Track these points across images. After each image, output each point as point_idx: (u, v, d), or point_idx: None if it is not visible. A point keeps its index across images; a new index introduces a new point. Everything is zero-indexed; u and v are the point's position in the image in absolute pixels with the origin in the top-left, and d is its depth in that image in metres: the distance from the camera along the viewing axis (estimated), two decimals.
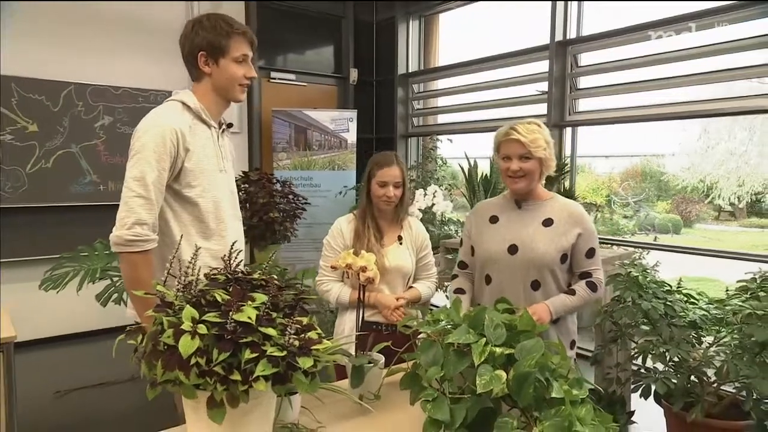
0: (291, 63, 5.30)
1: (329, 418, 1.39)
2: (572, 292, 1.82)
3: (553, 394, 1.15)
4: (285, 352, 0.96)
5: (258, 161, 4.98)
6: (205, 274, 1.15)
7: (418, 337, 1.47)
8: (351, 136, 4.91)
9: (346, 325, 2.05)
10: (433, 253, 3.26)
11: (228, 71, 1.64)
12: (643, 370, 2.40)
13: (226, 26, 1.63)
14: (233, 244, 1.28)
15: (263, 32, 4.96)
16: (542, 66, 4.06)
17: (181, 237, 1.54)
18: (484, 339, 1.29)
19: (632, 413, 2.73)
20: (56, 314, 3.91)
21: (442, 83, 5.29)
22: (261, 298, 1.05)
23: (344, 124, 4.88)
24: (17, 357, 3.53)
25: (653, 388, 2.32)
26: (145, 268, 1.49)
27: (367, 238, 2.03)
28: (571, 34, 3.93)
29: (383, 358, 1.58)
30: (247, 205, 4.08)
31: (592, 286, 1.84)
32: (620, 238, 4.62)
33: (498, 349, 1.26)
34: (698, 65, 3.39)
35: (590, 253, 1.84)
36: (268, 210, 4.05)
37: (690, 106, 3.45)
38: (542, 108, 4.05)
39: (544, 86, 4.04)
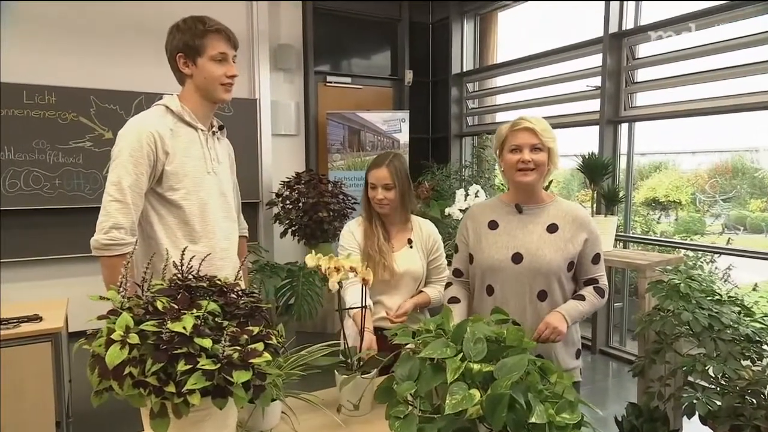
0: (347, 67, 5.40)
1: (310, 427, 1.39)
2: (582, 298, 1.72)
3: (533, 419, 1.07)
4: (219, 365, 0.98)
5: (313, 162, 5.13)
6: (170, 279, 1.20)
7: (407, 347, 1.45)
8: (403, 137, 4.92)
9: (352, 329, 2.03)
10: None
11: (206, 70, 1.64)
12: (686, 387, 2.22)
13: (201, 26, 1.62)
14: (184, 249, 1.28)
15: (319, 37, 5.11)
16: (597, 60, 3.85)
17: (136, 243, 1.55)
18: (462, 354, 1.21)
19: None
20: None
21: (495, 82, 5.17)
22: (205, 305, 1.08)
23: (396, 124, 4.90)
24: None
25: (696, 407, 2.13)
26: (117, 272, 1.50)
27: (376, 239, 1.99)
28: (628, 25, 3.69)
29: (375, 369, 1.55)
30: (300, 204, 4.23)
31: (600, 292, 1.75)
32: (687, 242, 4.28)
33: (476, 366, 1.19)
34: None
35: (596, 258, 1.74)
36: (317, 209, 4.16)
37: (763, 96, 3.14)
38: (595, 104, 3.84)
39: (597, 81, 3.83)
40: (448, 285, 1.93)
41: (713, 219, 6.44)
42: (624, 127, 3.80)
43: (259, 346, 1.08)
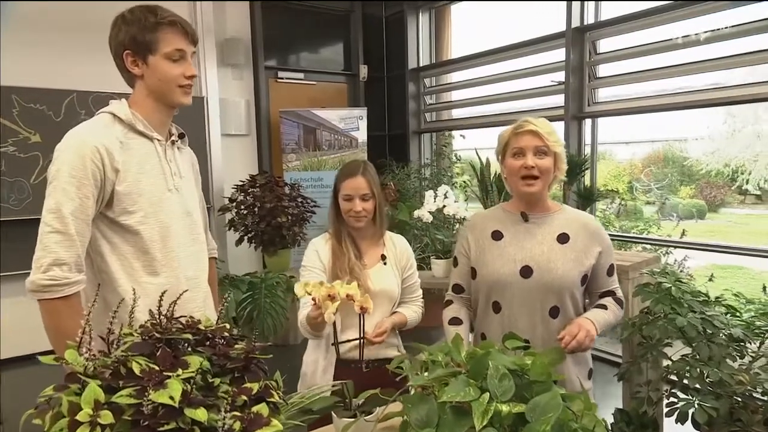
0: (299, 62, 5.15)
1: None
2: (604, 307, 1.61)
3: None
4: None
5: (267, 164, 4.85)
6: (141, 326, 0.97)
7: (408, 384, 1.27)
8: (361, 135, 4.73)
9: (319, 363, 1.79)
10: (445, 258, 3.10)
11: (159, 70, 1.39)
12: (677, 392, 2.16)
13: (151, 17, 1.38)
14: (163, 293, 1.04)
15: (269, 31, 4.83)
16: (559, 55, 3.80)
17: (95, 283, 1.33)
18: (488, 394, 1.07)
19: None
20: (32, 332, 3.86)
21: (454, 77, 5.06)
22: (195, 362, 0.87)
23: (354, 122, 4.70)
24: (14, 371, 3.56)
25: (690, 413, 2.07)
26: (69, 317, 1.27)
27: (347, 258, 1.79)
28: (589, 20, 3.66)
29: (377, 409, 1.37)
30: (255, 209, 3.98)
31: (620, 303, 1.67)
32: (644, 236, 4.33)
33: (504, 407, 1.05)
34: (723, 48, 3.11)
35: (611, 270, 1.65)
36: (275, 214, 3.93)
37: (715, 93, 3.18)
38: (559, 99, 3.80)
39: (560, 76, 3.78)
40: (447, 303, 1.76)
41: (657, 206, 6.66)
42: (587, 123, 3.77)
43: (263, 408, 0.87)
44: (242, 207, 3.98)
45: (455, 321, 1.68)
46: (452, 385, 1.10)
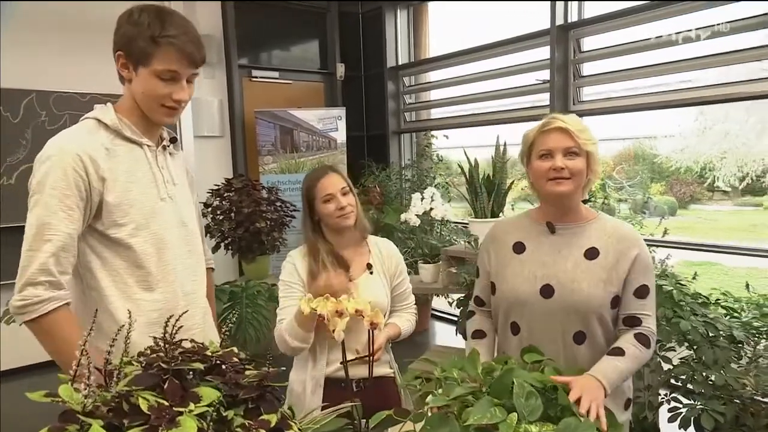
0: (273, 60, 4.97)
1: None
2: (620, 352, 1.35)
3: None
4: None
5: (242, 166, 4.67)
6: (139, 353, 0.85)
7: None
8: (340, 136, 4.60)
9: (307, 384, 1.65)
10: (433, 262, 3.02)
11: (145, 84, 1.27)
12: (679, 397, 2.12)
13: (156, 29, 1.24)
14: (169, 319, 0.91)
15: (242, 28, 4.65)
16: (542, 53, 3.75)
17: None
18: (515, 414, 1.01)
19: None
20: (30, 344, 3.62)
21: (434, 75, 4.97)
22: (209, 395, 0.75)
23: (332, 122, 4.57)
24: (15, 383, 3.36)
25: (692, 418, 2.03)
26: (60, 331, 1.19)
27: (325, 277, 1.66)
28: (573, 17, 3.62)
29: (388, 430, 1.26)
30: (232, 215, 3.82)
31: (644, 340, 1.37)
32: None
33: (533, 428, 1.00)
34: (714, 46, 3.09)
35: (642, 292, 1.39)
36: (254, 220, 3.77)
37: (696, 92, 3.17)
38: (544, 98, 3.75)
39: (544, 74, 3.73)
40: (470, 314, 1.64)
41: (631, 203, 6.75)
42: None
43: None
44: (218, 212, 3.81)
45: (478, 333, 1.57)
46: (477, 407, 1.03)
